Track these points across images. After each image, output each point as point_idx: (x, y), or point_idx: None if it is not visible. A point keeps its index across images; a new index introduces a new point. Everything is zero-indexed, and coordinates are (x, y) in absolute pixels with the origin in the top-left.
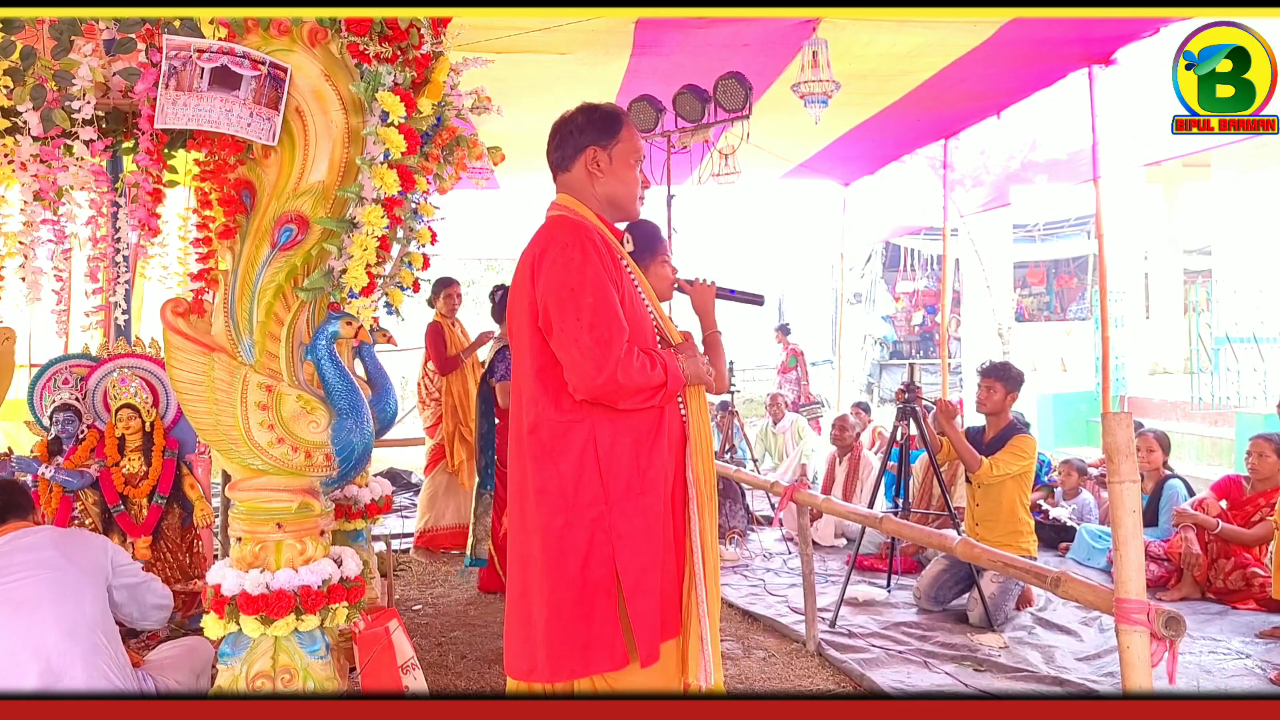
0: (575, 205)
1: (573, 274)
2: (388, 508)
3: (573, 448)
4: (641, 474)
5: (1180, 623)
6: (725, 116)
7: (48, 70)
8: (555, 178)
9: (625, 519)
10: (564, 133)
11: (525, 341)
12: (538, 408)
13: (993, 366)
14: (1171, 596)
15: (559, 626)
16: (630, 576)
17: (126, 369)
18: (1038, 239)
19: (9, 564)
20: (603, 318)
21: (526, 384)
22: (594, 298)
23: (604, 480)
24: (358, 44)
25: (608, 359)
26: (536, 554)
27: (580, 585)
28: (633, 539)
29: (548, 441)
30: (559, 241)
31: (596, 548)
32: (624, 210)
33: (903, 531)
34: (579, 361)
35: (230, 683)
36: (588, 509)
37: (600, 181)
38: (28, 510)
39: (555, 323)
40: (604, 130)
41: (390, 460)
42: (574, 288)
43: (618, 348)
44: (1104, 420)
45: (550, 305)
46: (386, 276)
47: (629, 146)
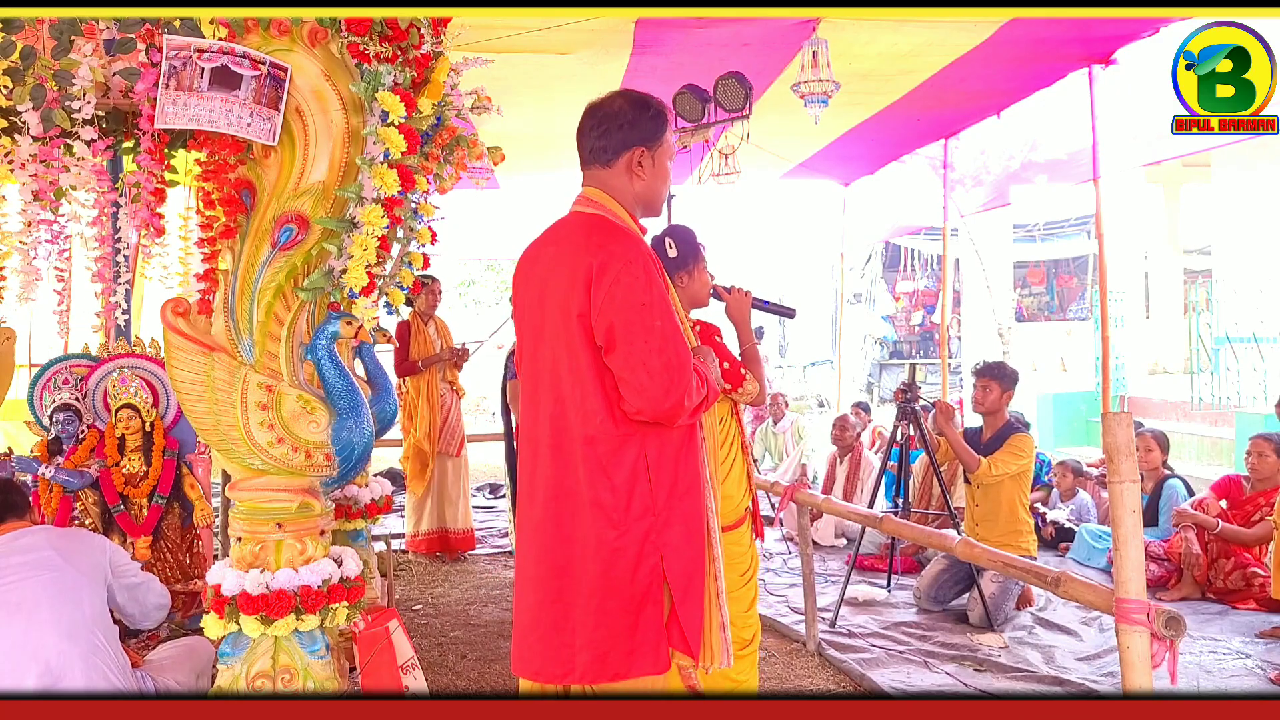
0: (609, 203)
1: (639, 293)
2: (388, 508)
3: (626, 461)
4: (682, 480)
5: (1180, 623)
6: (725, 116)
7: (48, 70)
8: (588, 167)
9: (670, 528)
10: (609, 125)
11: (580, 353)
12: (597, 420)
13: (987, 366)
14: (1171, 596)
15: (605, 634)
16: (678, 584)
17: (126, 369)
18: (1038, 239)
19: (6, 565)
20: (672, 342)
21: (582, 394)
22: (663, 320)
23: (653, 491)
24: (358, 44)
25: (676, 385)
26: (584, 562)
27: (629, 594)
28: (679, 547)
29: (604, 455)
30: (622, 256)
31: (646, 558)
32: (653, 209)
33: (903, 531)
34: (646, 385)
35: (230, 683)
36: (638, 522)
37: (640, 182)
38: (25, 510)
39: (622, 343)
40: (654, 130)
41: (390, 460)
42: (642, 308)
43: (687, 373)
44: (1104, 420)
45: (617, 324)
46: (386, 276)
47: (669, 147)
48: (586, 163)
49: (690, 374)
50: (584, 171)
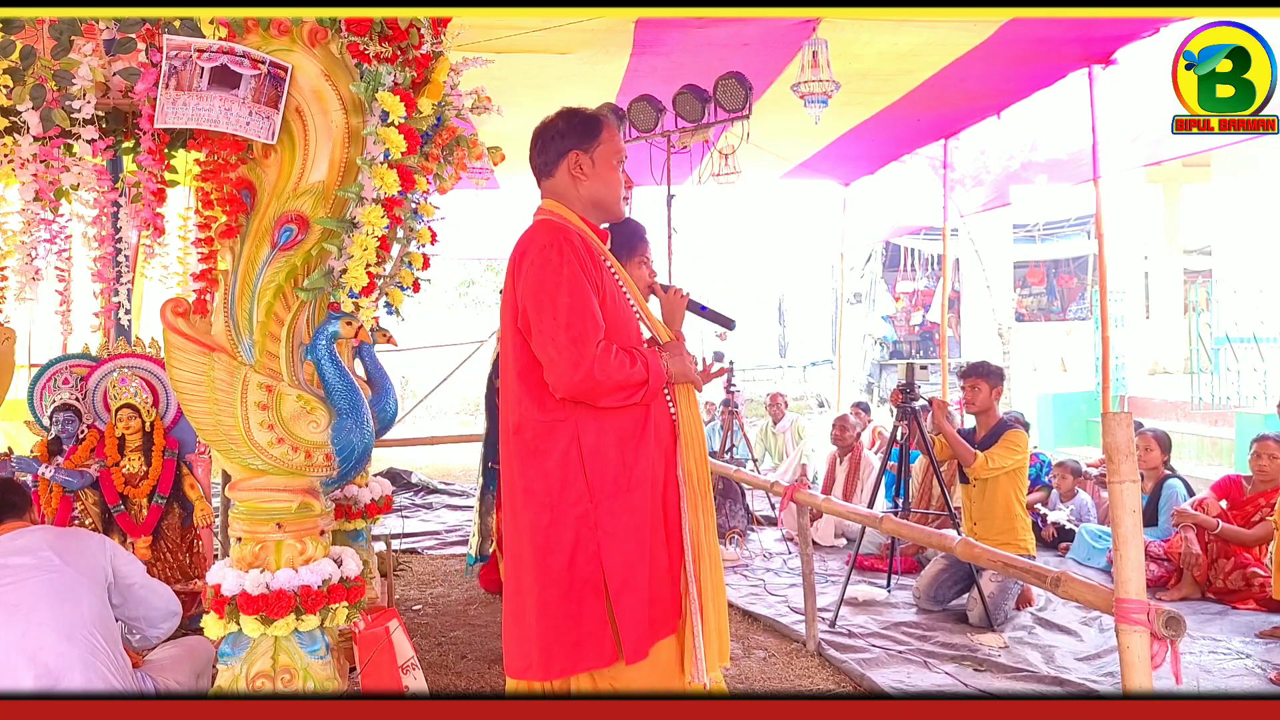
0: (559, 209)
1: (549, 274)
2: (388, 508)
3: (556, 447)
4: (628, 471)
5: (1180, 623)
6: (725, 116)
7: (48, 70)
8: (539, 183)
9: (611, 516)
10: (545, 138)
11: (509, 343)
12: (521, 408)
13: (971, 367)
14: (1171, 596)
15: (549, 624)
16: (616, 574)
17: (126, 369)
18: (1038, 239)
19: (4, 566)
20: (578, 316)
21: (511, 385)
22: (570, 297)
23: (589, 478)
24: (358, 44)
25: (584, 356)
26: (526, 553)
27: (568, 583)
28: (619, 536)
29: (531, 441)
30: (538, 243)
31: (582, 545)
32: (608, 211)
33: (903, 531)
34: (556, 360)
35: (230, 683)
36: (572, 506)
37: (584, 184)
38: (24, 510)
39: (534, 323)
40: (585, 134)
41: (390, 460)
42: (551, 288)
43: (592, 345)
44: (1104, 420)
45: (529, 306)
46: (386, 276)
47: (610, 148)
48: (538, 180)
49: (597, 347)
50: (540, 188)
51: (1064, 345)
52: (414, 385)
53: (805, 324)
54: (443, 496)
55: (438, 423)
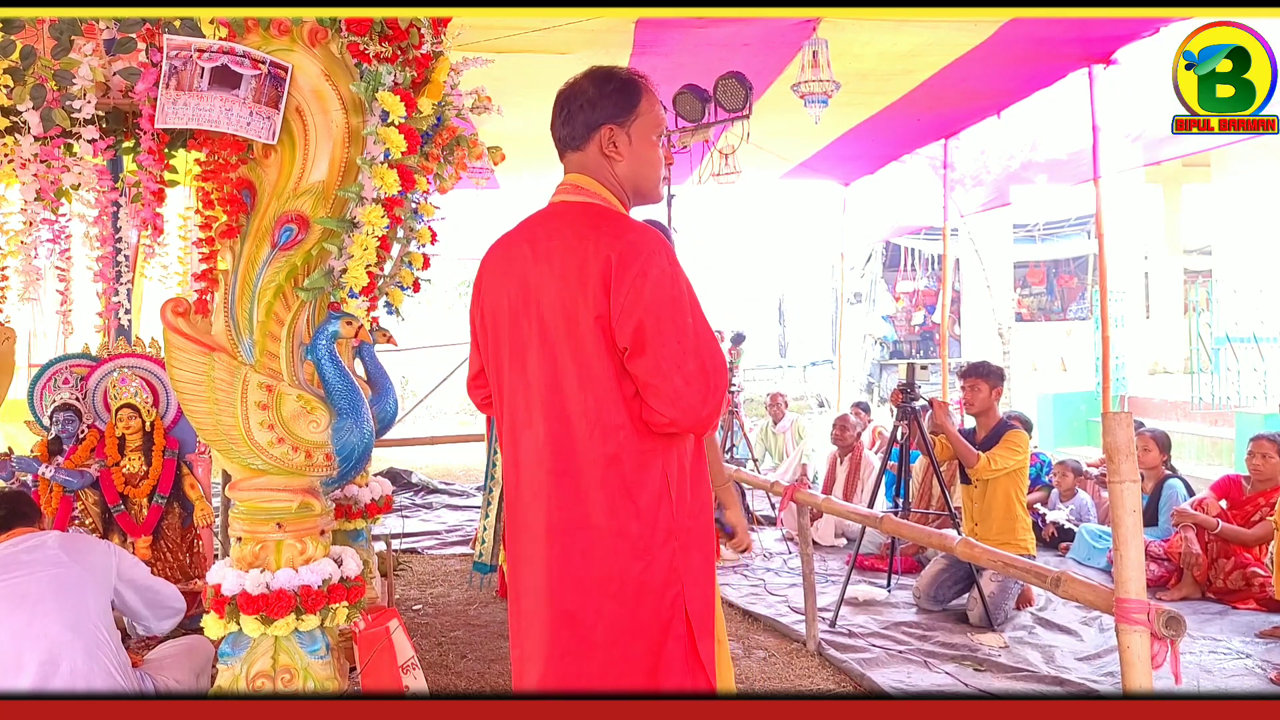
0: (597, 189)
1: (668, 287)
2: (388, 508)
3: (651, 481)
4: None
5: (1180, 622)
6: (725, 116)
7: (48, 70)
8: (563, 155)
9: (690, 553)
10: (571, 106)
11: (594, 361)
12: (621, 436)
13: (971, 367)
14: (1171, 596)
15: (626, 684)
16: (698, 615)
17: (126, 369)
18: (1038, 239)
19: (14, 562)
20: (707, 343)
21: (599, 407)
22: (695, 318)
23: (675, 514)
24: (358, 44)
25: (713, 390)
26: (602, 604)
27: (654, 634)
28: (699, 575)
29: (629, 475)
30: (644, 247)
31: (669, 589)
32: (647, 195)
33: (903, 531)
34: (681, 393)
35: (230, 683)
36: (663, 548)
37: (619, 164)
38: (34, 519)
39: (652, 345)
40: (621, 104)
41: (390, 460)
42: (673, 304)
43: (723, 376)
44: (1104, 420)
45: (647, 323)
46: (386, 276)
47: (650, 120)
48: (561, 152)
49: (726, 378)
50: (563, 160)
51: (1064, 345)
52: (414, 385)
53: (805, 324)
54: (443, 496)
55: (438, 423)
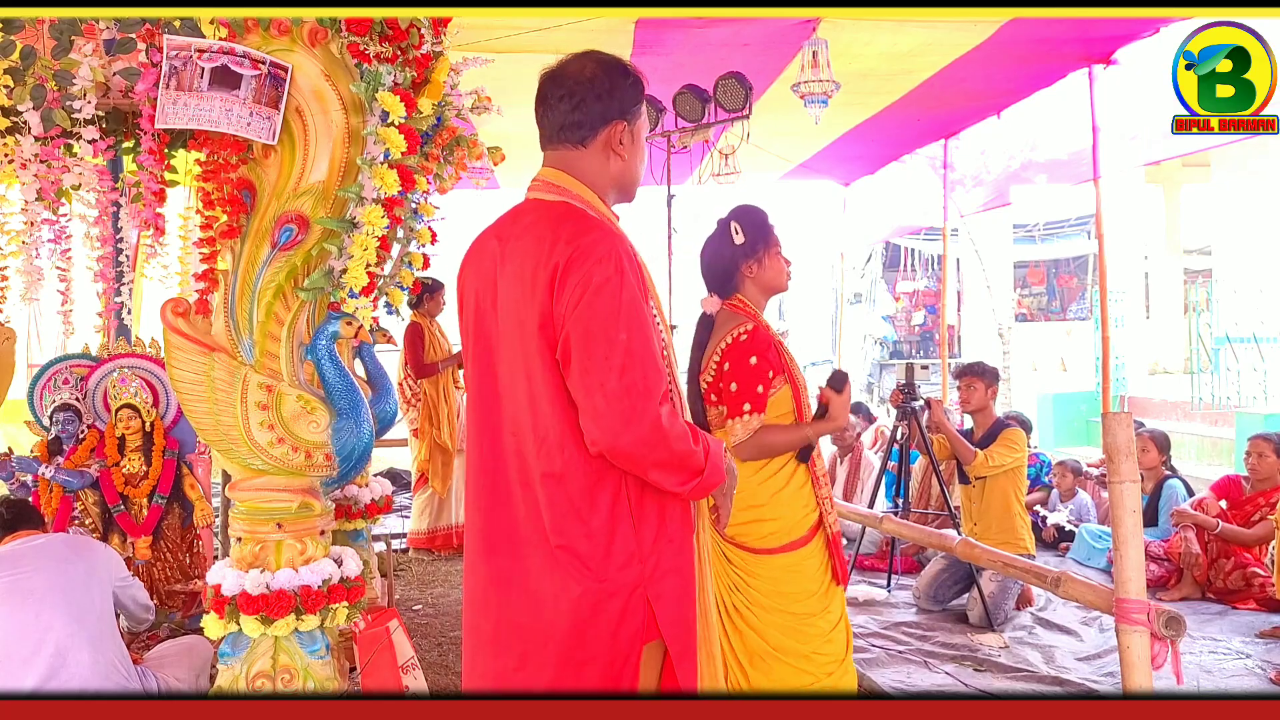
0: (577, 188)
1: (606, 297)
2: (388, 508)
3: (603, 501)
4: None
5: (1180, 623)
6: (725, 116)
7: (48, 70)
8: (552, 146)
9: (663, 578)
10: (581, 95)
11: (538, 371)
12: (564, 454)
13: (966, 366)
14: (1171, 596)
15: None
16: (675, 640)
17: (126, 369)
18: (1038, 239)
19: (21, 559)
20: (639, 361)
21: (544, 422)
22: (630, 333)
23: (638, 534)
24: (358, 44)
25: (639, 414)
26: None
27: (607, 662)
28: (676, 599)
29: (576, 495)
30: (594, 251)
31: (630, 616)
32: (629, 194)
33: (903, 531)
34: (602, 412)
35: (230, 683)
36: (622, 571)
37: (619, 163)
38: (39, 524)
39: (577, 358)
40: (633, 98)
41: (390, 460)
42: (607, 315)
43: (652, 401)
44: (1104, 420)
45: (574, 334)
46: (386, 276)
47: (644, 117)
48: (553, 141)
49: (658, 406)
50: (546, 151)
51: (1064, 345)
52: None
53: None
54: None
55: None
